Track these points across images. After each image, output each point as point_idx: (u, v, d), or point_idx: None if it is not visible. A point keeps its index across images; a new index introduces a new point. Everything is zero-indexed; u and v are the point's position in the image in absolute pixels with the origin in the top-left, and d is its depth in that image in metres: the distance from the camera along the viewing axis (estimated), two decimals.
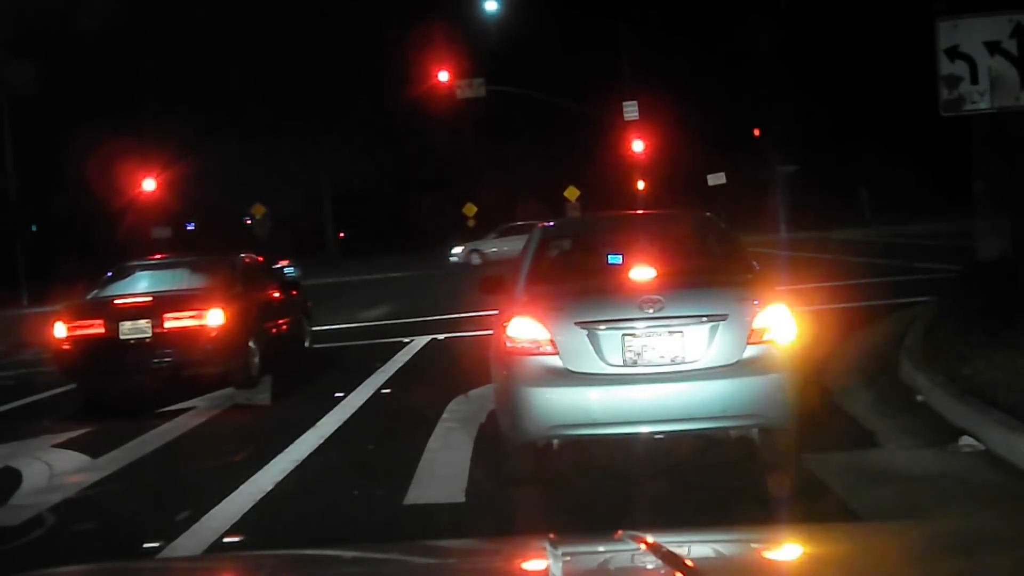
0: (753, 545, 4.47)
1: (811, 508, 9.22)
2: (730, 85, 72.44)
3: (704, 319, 10.01)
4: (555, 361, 10.03)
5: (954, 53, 14.24)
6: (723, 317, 10.01)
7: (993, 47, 14.15)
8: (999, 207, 18.55)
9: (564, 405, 10.04)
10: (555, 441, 10.45)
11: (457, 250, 61.45)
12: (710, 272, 11.47)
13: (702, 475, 10.47)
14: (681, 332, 9.97)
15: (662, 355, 9.96)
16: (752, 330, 10.02)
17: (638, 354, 9.95)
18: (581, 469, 10.87)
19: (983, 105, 14.32)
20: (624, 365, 9.96)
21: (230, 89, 65.76)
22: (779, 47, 69.20)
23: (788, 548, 4.37)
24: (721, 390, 9.93)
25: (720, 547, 4.40)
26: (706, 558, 4.10)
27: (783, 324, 10.12)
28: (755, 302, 10.25)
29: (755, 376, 9.95)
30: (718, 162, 64.68)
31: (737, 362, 9.96)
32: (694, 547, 4.22)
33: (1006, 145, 17.38)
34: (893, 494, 9.51)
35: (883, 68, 61.45)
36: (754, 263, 11.38)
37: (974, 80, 14.21)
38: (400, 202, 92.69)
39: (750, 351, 9.99)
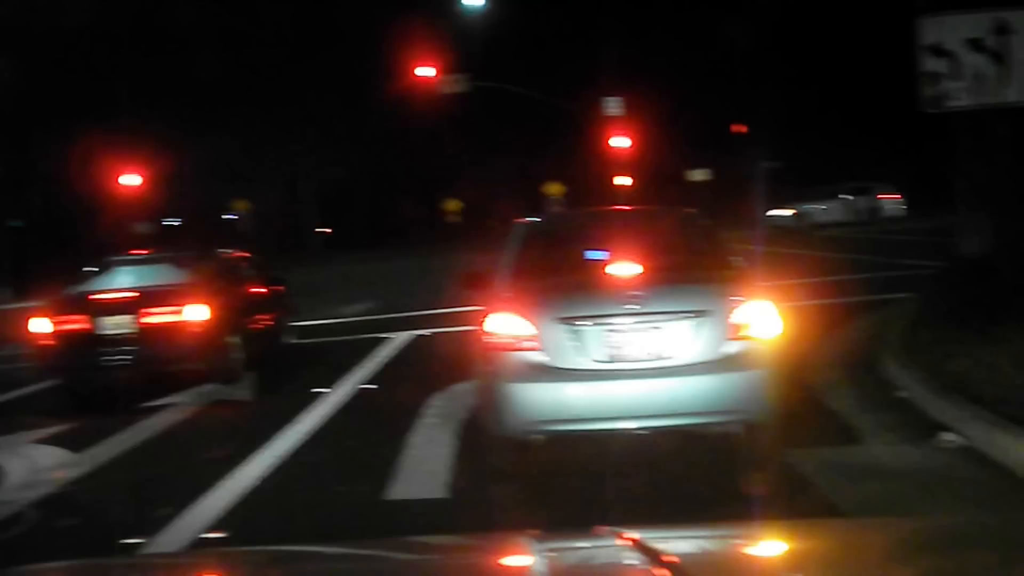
0: (735, 541, 4.47)
1: (793, 503, 9.23)
2: (713, 81, 72.51)
3: (686, 315, 10.06)
4: (538, 357, 10.07)
5: (936, 50, 14.29)
6: (705, 313, 10.06)
7: (975, 44, 14.19)
8: (980, 203, 18.59)
9: (547, 401, 10.08)
10: (538, 437, 10.47)
11: None
12: (692, 268, 11.42)
13: (685, 471, 10.48)
14: (663, 328, 10.01)
15: (644, 351, 10.00)
16: (734, 326, 10.07)
17: (620, 350, 9.99)
18: (564, 465, 10.87)
19: (965, 102, 14.37)
20: (606, 361, 10.01)
21: (212, 84, 65.58)
22: (761, 43, 69.32)
23: (770, 544, 4.37)
24: (703, 386, 9.98)
25: (702, 543, 4.40)
26: (688, 554, 4.10)
27: (765, 320, 10.17)
28: (737, 298, 10.29)
29: (737, 372, 10.00)
30: (701, 158, 64.84)
31: (719, 358, 10.01)
32: (677, 543, 4.21)
33: (987, 142, 17.43)
34: (875, 489, 9.54)
35: (866, 64, 61.55)
36: (737, 259, 11.41)
37: (956, 77, 14.25)
38: (383, 197, 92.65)
39: (732, 347, 10.05)
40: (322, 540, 6.47)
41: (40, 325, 17.49)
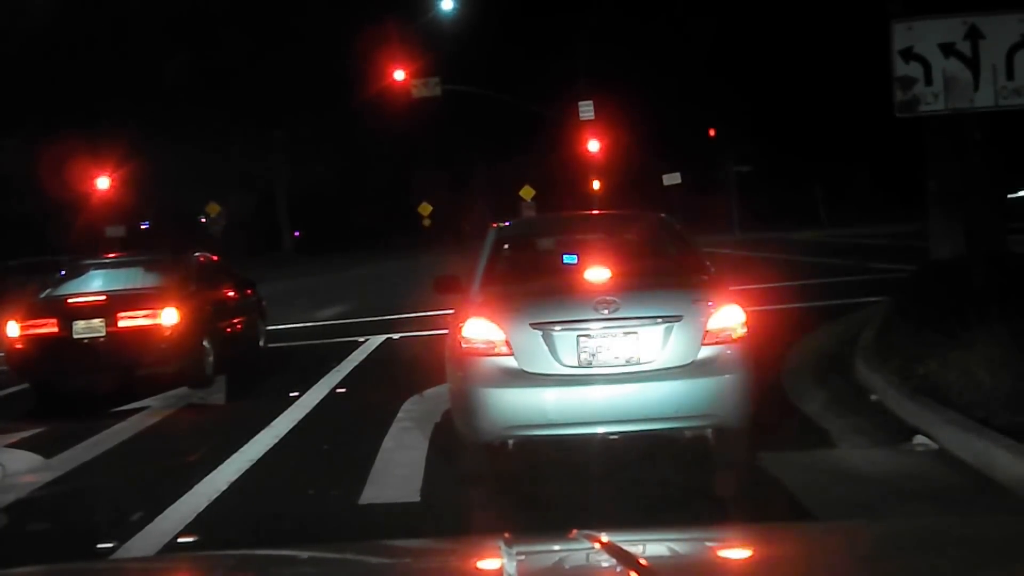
0: (707, 544, 4.49)
1: (765, 507, 9.26)
2: (685, 85, 72.63)
3: (659, 320, 10.09)
4: (510, 362, 10.09)
5: (909, 55, 14.30)
6: (677, 318, 10.09)
7: (947, 49, 14.21)
8: (952, 207, 18.65)
9: (519, 406, 10.10)
10: (510, 441, 10.49)
11: None
12: (665, 273, 11.53)
13: (657, 474, 10.48)
14: (636, 333, 10.05)
15: (617, 356, 10.03)
16: (706, 331, 10.11)
17: (593, 355, 10.02)
18: (536, 469, 10.87)
19: (937, 107, 14.38)
20: (579, 366, 10.03)
21: (184, 87, 65.36)
22: (733, 47, 69.48)
23: (742, 548, 4.38)
24: (676, 391, 10.00)
25: (674, 546, 4.41)
26: (660, 557, 4.11)
27: (737, 325, 10.22)
28: (709, 303, 10.35)
29: (709, 377, 10.04)
30: (673, 162, 64.94)
31: (691, 363, 10.04)
32: (648, 546, 4.22)
33: (959, 146, 17.48)
34: (847, 493, 9.56)
35: (838, 69, 61.64)
36: (708, 264, 11.45)
37: (928, 82, 14.27)
38: (355, 201, 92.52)
39: (704, 352, 10.08)
40: (294, 544, 6.46)
41: (10, 329, 17.43)
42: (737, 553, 4.28)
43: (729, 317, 10.24)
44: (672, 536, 4.80)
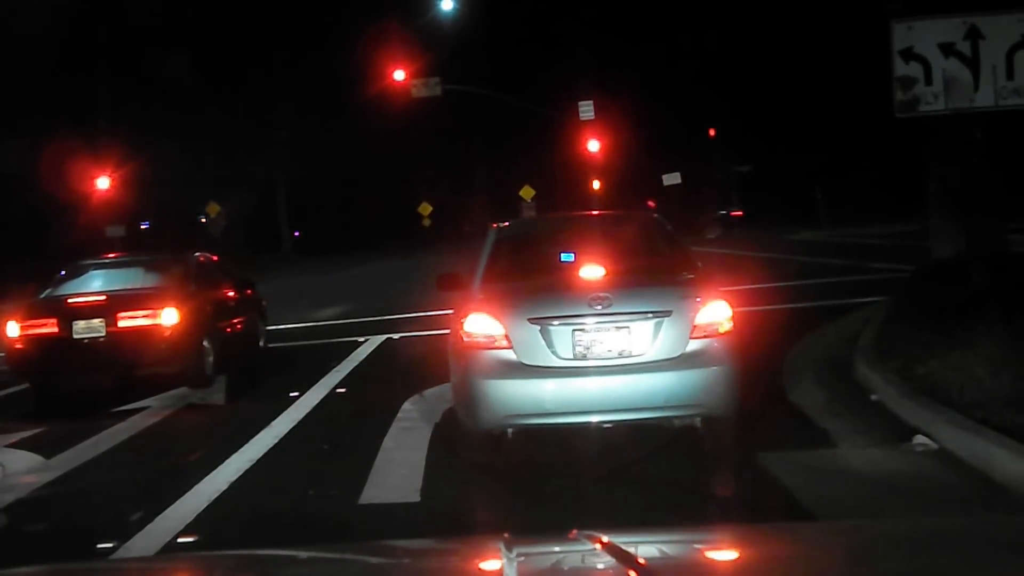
0: (707, 544, 4.48)
1: (765, 506, 9.26)
2: (685, 85, 72.63)
3: (649, 315, 10.61)
4: (510, 355, 10.57)
5: (909, 55, 14.33)
6: (667, 313, 10.59)
7: (947, 49, 14.24)
8: (952, 208, 18.64)
9: (518, 396, 10.59)
10: (509, 430, 10.89)
11: None
12: (656, 271, 12.03)
13: (656, 474, 10.51)
14: (628, 327, 10.55)
15: (610, 349, 10.55)
16: (695, 325, 10.61)
17: (588, 348, 10.54)
18: (537, 470, 10.91)
19: (937, 107, 14.41)
20: (574, 358, 10.54)
21: (182, 87, 65.28)
22: (733, 47, 69.49)
23: (742, 548, 4.38)
24: (665, 382, 10.52)
25: (674, 547, 4.41)
26: (660, 557, 4.10)
27: (724, 319, 10.74)
28: (697, 299, 10.85)
29: (697, 369, 10.54)
30: (673, 162, 64.95)
31: (680, 355, 10.54)
32: (648, 546, 4.22)
33: (959, 146, 17.48)
34: (847, 493, 9.57)
35: (838, 69, 61.62)
36: (697, 262, 11.92)
37: (928, 82, 14.30)
38: (355, 201, 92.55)
39: (693, 345, 10.58)
40: (294, 544, 6.46)
41: (10, 329, 17.42)
42: (736, 553, 4.28)
43: (716, 312, 10.73)
44: (672, 536, 4.81)
